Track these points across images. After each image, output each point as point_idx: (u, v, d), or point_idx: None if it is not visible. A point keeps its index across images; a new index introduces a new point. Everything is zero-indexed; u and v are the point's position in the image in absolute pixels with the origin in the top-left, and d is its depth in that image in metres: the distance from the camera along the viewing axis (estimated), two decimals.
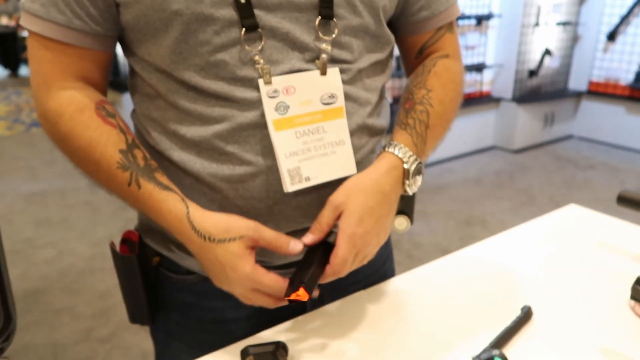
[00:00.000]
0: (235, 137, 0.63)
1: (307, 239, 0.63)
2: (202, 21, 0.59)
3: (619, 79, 4.50)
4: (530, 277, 0.85)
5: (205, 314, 0.76)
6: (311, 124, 0.64)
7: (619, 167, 4.14)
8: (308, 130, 0.64)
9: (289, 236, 0.63)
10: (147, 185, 0.63)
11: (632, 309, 0.76)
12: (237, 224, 0.61)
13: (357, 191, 0.63)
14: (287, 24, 0.61)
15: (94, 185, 0.67)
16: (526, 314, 0.73)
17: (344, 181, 0.64)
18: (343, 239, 0.61)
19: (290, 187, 0.63)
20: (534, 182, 3.85)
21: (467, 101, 4.22)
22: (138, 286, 0.75)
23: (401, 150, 0.66)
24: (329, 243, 0.63)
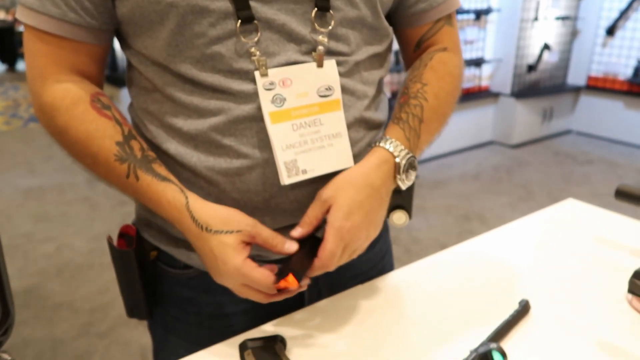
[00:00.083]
0: (232, 130, 0.63)
1: (296, 232, 0.64)
2: (197, 13, 0.58)
3: (617, 73, 4.49)
4: (528, 271, 0.85)
5: (203, 308, 0.76)
6: (308, 117, 0.64)
7: (617, 162, 4.14)
8: (305, 122, 0.64)
9: (284, 237, 0.63)
10: (145, 176, 0.62)
11: (629, 302, 0.76)
12: (236, 217, 0.62)
13: (346, 185, 0.63)
14: (283, 15, 0.61)
15: (93, 178, 0.67)
16: (524, 307, 0.73)
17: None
18: (331, 232, 0.61)
19: (286, 179, 0.63)
20: (532, 177, 3.85)
21: (465, 96, 4.22)
22: (135, 280, 0.75)
23: (392, 145, 0.66)
24: (317, 238, 0.63)
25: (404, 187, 0.68)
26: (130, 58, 0.67)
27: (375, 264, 0.86)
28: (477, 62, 4.33)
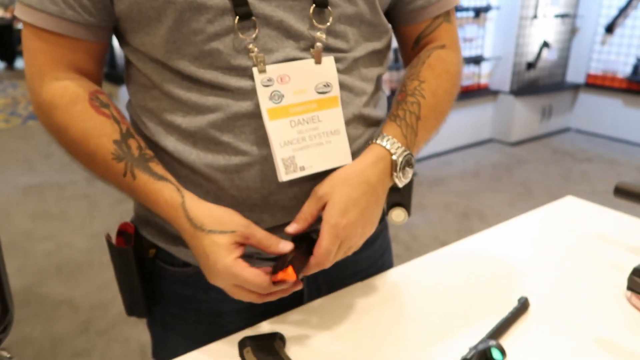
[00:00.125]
0: (230, 127, 0.63)
1: (291, 228, 0.64)
2: (195, 9, 0.58)
3: (616, 71, 4.49)
4: (527, 268, 0.85)
5: (202, 306, 0.76)
6: (306, 113, 0.64)
7: (616, 159, 4.14)
8: (303, 119, 0.64)
9: (279, 237, 0.63)
10: (141, 175, 0.62)
11: (628, 299, 0.76)
12: (231, 218, 0.61)
13: (341, 182, 0.63)
14: (281, 12, 0.61)
15: (91, 176, 0.67)
16: (523, 304, 0.73)
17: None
18: (326, 229, 0.61)
19: (284, 176, 0.63)
20: (531, 174, 3.86)
21: (464, 94, 4.22)
22: (134, 278, 0.75)
23: (389, 142, 0.66)
24: (313, 239, 0.63)
25: (400, 184, 0.68)
26: (129, 55, 0.67)
27: (375, 261, 0.86)
28: (476, 60, 4.33)
